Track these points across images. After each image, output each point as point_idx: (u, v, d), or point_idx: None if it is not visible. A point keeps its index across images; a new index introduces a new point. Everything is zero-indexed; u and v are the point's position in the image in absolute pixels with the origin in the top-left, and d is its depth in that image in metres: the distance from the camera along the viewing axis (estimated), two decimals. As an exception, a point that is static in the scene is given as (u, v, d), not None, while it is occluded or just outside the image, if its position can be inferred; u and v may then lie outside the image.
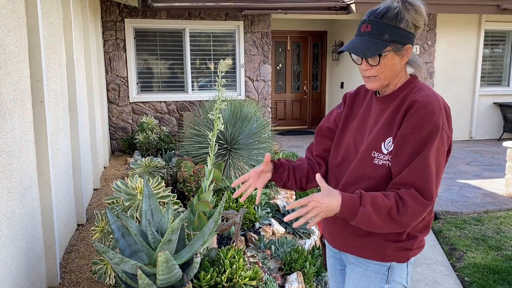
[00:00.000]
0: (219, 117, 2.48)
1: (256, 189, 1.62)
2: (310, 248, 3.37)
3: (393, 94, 1.48)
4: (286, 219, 1.35)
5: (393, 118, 1.43)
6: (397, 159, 1.38)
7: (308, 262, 2.88)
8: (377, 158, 1.43)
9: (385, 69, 1.42)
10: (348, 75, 9.44)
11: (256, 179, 1.58)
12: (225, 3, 7.13)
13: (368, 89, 1.58)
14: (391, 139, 1.42)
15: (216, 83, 2.45)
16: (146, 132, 6.55)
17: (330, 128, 1.67)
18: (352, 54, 1.45)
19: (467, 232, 4.33)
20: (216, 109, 2.46)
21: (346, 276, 1.61)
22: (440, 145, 1.36)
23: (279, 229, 3.54)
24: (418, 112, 1.35)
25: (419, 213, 1.34)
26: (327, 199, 1.32)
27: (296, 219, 3.19)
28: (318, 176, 1.39)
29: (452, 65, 8.84)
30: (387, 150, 1.42)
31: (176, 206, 2.62)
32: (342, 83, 9.76)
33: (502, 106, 9.05)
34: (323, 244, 1.77)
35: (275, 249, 3.05)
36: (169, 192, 2.62)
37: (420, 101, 1.36)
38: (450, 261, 3.82)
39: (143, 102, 7.52)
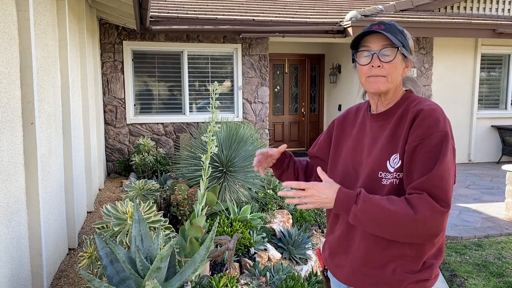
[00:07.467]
0: (212, 140, 2.42)
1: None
2: (307, 275, 3.27)
3: (391, 109, 1.43)
4: (280, 193, 1.37)
5: (395, 133, 1.38)
6: (410, 175, 1.30)
7: (304, 290, 2.79)
8: (385, 178, 1.36)
9: (395, 71, 1.39)
10: (346, 98, 9.45)
11: (264, 160, 1.69)
12: (223, 26, 7.17)
13: (360, 104, 1.58)
14: (397, 156, 1.35)
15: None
16: (142, 154, 6.49)
17: (315, 155, 1.72)
18: (358, 52, 1.42)
19: (467, 257, 4.23)
20: (209, 131, 2.41)
21: None
22: (452, 152, 1.30)
23: (275, 254, 3.45)
24: (424, 122, 1.31)
25: (432, 220, 1.24)
26: (327, 191, 1.33)
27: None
28: (319, 170, 1.40)
29: (449, 88, 8.87)
30: (393, 167, 1.35)
31: (167, 231, 2.54)
32: (339, 106, 9.77)
33: (500, 129, 9.03)
34: (327, 279, 1.62)
35: (270, 276, 2.95)
36: (160, 216, 2.54)
37: (426, 109, 1.33)
38: (451, 288, 3.72)
39: (140, 124, 7.49)
